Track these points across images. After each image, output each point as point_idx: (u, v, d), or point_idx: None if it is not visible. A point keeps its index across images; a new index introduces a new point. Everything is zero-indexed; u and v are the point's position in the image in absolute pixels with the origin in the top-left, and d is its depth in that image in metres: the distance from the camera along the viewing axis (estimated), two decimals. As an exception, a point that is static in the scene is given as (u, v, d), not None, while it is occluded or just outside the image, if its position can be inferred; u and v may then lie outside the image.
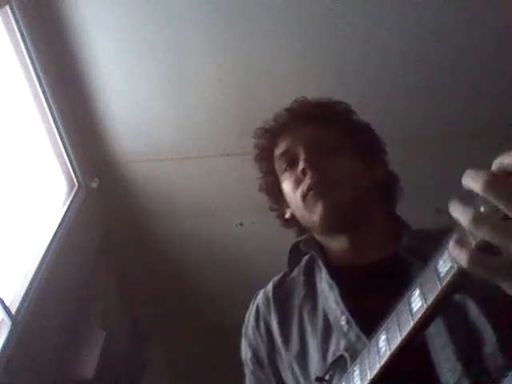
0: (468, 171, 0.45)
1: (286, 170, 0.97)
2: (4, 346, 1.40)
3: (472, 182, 0.45)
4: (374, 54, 1.82)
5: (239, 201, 2.15)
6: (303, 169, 0.90)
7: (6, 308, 1.45)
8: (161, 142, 2.05)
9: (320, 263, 0.92)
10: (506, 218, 0.43)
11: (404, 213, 0.97)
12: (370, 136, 1.01)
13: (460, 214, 0.45)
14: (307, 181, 0.89)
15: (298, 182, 0.92)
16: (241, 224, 2.22)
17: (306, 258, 1.00)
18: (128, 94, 1.96)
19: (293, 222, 1.00)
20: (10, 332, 1.44)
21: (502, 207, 0.43)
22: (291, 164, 0.95)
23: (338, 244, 0.92)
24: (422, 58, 1.80)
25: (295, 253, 1.01)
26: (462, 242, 0.46)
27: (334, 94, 1.03)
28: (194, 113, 1.98)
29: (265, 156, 1.03)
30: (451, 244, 0.47)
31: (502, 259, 0.44)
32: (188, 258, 2.34)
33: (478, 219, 0.44)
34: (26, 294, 1.55)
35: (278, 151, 0.99)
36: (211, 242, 2.29)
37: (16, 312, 1.49)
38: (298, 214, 0.96)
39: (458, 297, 0.70)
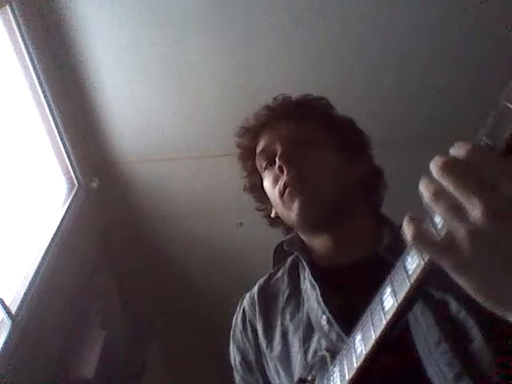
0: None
1: (266, 168, 0.95)
2: (4, 346, 1.39)
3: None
4: (373, 54, 1.82)
5: (239, 201, 2.12)
6: (279, 165, 0.87)
7: (5, 308, 1.44)
8: (161, 142, 2.05)
9: (304, 263, 0.90)
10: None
11: (403, 213, 0.96)
12: (351, 131, 0.98)
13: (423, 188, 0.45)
14: (284, 178, 0.87)
15: (276, 180, 0.90)
16: (241, 224, 2.22)
17: (291, 257, 0.98)
18: (128, 93, 1.95)
19: (279, 220, 0.98)
20: (9, 332, 1.43)
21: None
22: (270, 161, 0.93)
23: (320, 242, 0.90)
24: (422, 57, 1.80)
25: (280, 253, 0.99)
26: (415, 219, 0.46)
27: (333, 93, 1.03)
28: (193, 113, 1.98)
29: (247, 155, 1.02)
30: (405, 219, 0.47)
31: (443, 238, 0.43)
32: (188, 258, 2.34)
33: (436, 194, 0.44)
34: (26, 294, 1.55)
35: (258, 149, 0.97)
36: (211, 242, 2.28)
37: (16, 312, 1.49)
38: (279, 212, 0.94)
39: (438, 294, 0.69)
